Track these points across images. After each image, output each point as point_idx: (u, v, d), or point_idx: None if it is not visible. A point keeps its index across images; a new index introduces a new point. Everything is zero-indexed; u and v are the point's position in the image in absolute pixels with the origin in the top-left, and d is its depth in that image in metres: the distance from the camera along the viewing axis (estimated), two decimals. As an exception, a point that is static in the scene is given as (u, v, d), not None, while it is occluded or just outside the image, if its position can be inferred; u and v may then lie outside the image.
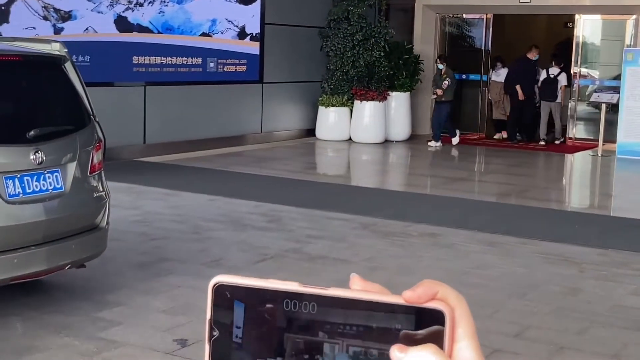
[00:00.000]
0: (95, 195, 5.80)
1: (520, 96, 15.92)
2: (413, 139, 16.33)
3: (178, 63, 13.42)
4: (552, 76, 15.86)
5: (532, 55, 16.22)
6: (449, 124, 15.67)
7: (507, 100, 16.83)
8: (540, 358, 5.09)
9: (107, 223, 5.94)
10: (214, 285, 0.57)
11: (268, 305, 0.56)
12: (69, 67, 5.89)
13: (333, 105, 15.70)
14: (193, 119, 13.54)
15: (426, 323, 0.55)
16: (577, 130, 16.52)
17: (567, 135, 16.38)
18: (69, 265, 5.59)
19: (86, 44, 11.86)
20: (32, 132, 5.32)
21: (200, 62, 13.80)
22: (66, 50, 5.97)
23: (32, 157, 5.23)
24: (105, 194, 5.90)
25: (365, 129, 15.64)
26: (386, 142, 15.74)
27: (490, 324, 5.64)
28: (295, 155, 13.97)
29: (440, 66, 15.46)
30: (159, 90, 13.06)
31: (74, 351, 4.93)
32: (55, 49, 5.92)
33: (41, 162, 5.27)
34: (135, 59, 12.74)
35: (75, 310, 5.64)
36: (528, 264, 7.26)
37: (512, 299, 6.24)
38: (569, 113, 16.46)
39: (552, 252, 7.70)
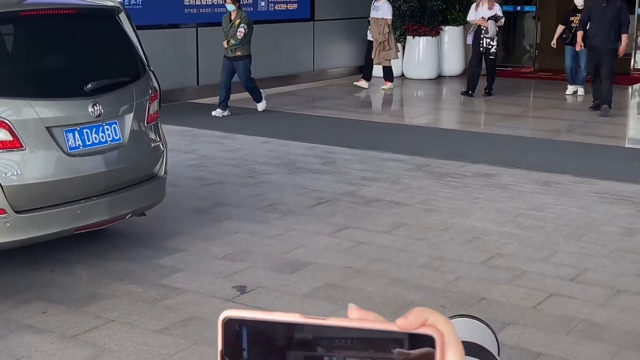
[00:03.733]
0: (152, 145, 5.89)
1: (577, 46, 12.30)
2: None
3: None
4: None
5: None
6: (252, 84, 11.60)
7: (392, 43, 13.91)
8: (596, 302, 5.09)
9: (165, 172, 6.04)
10: (223, 319, 0.63)
11: (272, 334, 0.62)
12: (123, 18, 5.93)
13: (385, 42, 15.52)
14: (245, 59, 13.52)
15: (418, 347, 0.61)
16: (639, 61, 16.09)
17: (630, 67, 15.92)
18: (130, 215, 5.73)
19: (137, -13, 11.87)
20: (89, 85, 5.40)
21: (251, 1, 13.74)
22: (120, 0, 6.01)
23: (90, 109, 5.32)
24: (162, 144, 6.00)
25: (418, 65, 15.50)
26: (439, 78, 15.59)
27: (545, 267, 5.65)
28: (347, 94, 13.93)
29: (230, 7, 11.04)
30: (211, 32, 13.05)
31: (137, 298, 5.08)
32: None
33: (99, 115, 5.36)
34: (186, 0, 12.73)
35: (137, 257, 5.79)
36: (585, 204, 7.21)
37: (568, 241, 6.22)
38: (633, 42, 15.95)
39: (609, 191, 7.63)
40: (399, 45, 15.44)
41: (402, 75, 15.63)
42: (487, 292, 5.22)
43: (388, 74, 14.11)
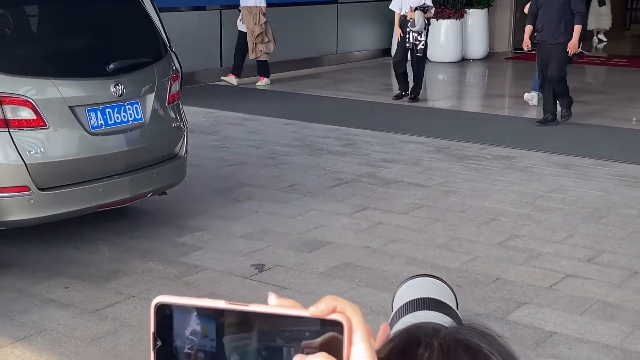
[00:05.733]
0: (173, 125, 5.97)
1: (525, 44, 9.85)
2: (491, 57, 16.07)
3: (252, -15, 13.38)
4: None
5: None
6: None
7: (271, 35, 12.23)
8: (612, 283, 5.12)
9: (186, 152, 6.12)
10: (156, 304, 0.68)
11: (200, 317, 0.68)
12: (145, -1, 6.00)
13: (408, 24, 15.49)
14: (268, 42, 13.57)
15: (328, 331, 0.68)
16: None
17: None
18: (151, 193, 5.81)
19: (161, -31, 11.94)
20: (111, 65, 5.48)
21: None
22: (142, -18, 6.07)
23: (112, 89, 5.41)
24: (182, 124, 6.07)
25: (442, 47, 15.43)
26: (463, 61, 15.54)
27: (562, 249, 5.68)
28: (370, 77, 13.94)
29: None
30: (234, 14, 13.11)
31: (157, 275, 5.18)
32: (131, -19, 6.03)
33: (121, 95, 5.45)
34: (210, -17, 12.79)
35: (157, 235, 5.89)
36: (604, 187, 7.21)
37: (587, 223, 6.24)
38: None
39: (629, 174, 7.62)
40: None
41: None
42: (502, 272, 5.26)
43: (263, 68, 12.55)
